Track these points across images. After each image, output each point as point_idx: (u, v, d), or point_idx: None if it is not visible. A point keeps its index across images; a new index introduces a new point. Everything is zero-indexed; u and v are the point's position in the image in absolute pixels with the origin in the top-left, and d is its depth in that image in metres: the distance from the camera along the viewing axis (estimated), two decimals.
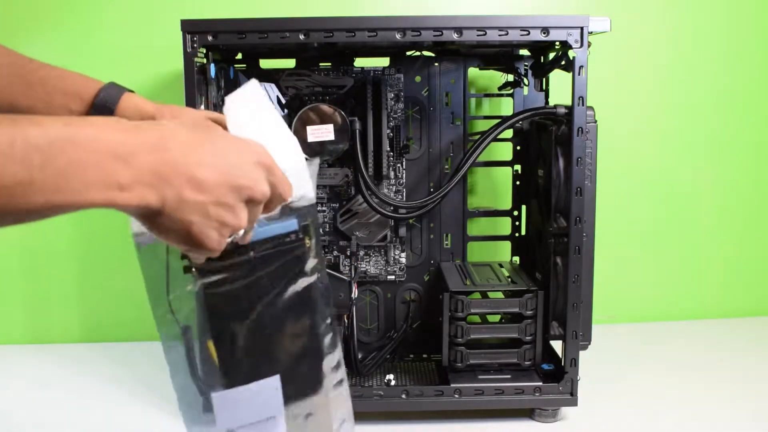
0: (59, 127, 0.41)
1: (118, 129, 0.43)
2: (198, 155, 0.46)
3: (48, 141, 0.40)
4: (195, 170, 0.46)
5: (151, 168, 0.44)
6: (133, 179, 0.43)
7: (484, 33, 0.81)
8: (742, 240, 1.30)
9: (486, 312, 0.93)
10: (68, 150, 0.40)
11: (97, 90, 0.63)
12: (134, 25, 1.17)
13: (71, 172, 0.41)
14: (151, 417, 0.94)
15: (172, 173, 0.45)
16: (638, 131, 1.25)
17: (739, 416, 0.91)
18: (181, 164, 0.45)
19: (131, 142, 0.43)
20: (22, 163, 0.39)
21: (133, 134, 0.44)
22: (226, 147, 0.48)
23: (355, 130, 0.94)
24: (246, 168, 0.49)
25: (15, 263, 1.23)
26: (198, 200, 0.46)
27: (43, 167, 0.40)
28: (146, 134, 0.44)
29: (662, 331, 1.24)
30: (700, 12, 1.23)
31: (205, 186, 0.46)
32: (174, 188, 0.45)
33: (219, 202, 0.47)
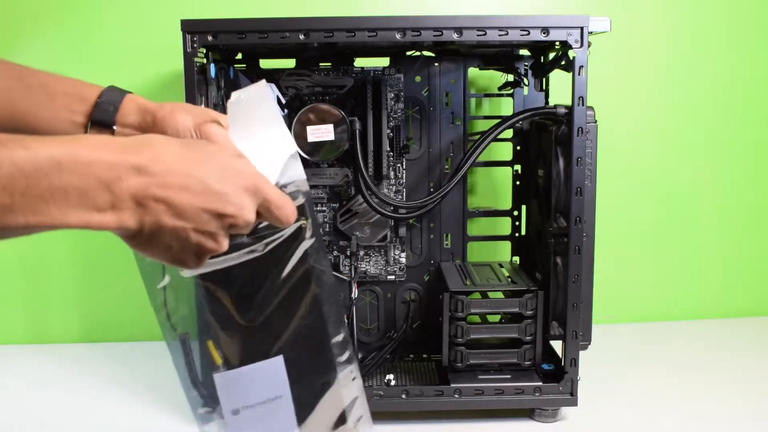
0: (47, 151, 0.41)
1: (107, 151, 0.43)
2: (182, 179, 0.45)
3: (34, 166, 0.40)
4: (176, 196, 0.45)
5: (133, 193, 0.44)
6: (114, 204, 0.43)
7: (484, 33, 0.81)
8: (742, 240, 1.30)
9: (486, 312, 0.93)
10: (53, 175, 0.41)
11: (99, 92, 0.62)
12: (134, 25, 1.17)
13: (52, 196, 0.41)
14: (151, 417, 0.94)
15: (152, 199, 0.44)
16: (638, 131, 1.25)
17: (740, 416, 0.91)
18: (163, 189, 0.45)
19: (118, 165, 0.43)
20: (5, 188, 0.39)
21: (121, 156, 0.43)
22: (214, 170, 0.47)
23: (355, 130, 0.94)
24: (232, 195, 0.48)
25: (15, 263, 1.23)
26: (177, 226, 0.46)
27: (25, 192, 0.40)
28: (134, 157, 0.44)
29: (662, 331, 1.24)
30: (700, 12, 1.23)
31: (185, 214, 0.46)
32: (153, 214, 0.45)
33: (199, 230, 0.47)
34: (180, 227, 0.46)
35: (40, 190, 0.40)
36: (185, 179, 0.46)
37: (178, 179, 0.45)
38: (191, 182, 0.46)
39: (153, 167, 0.44)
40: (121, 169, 0.43)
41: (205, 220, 0.47)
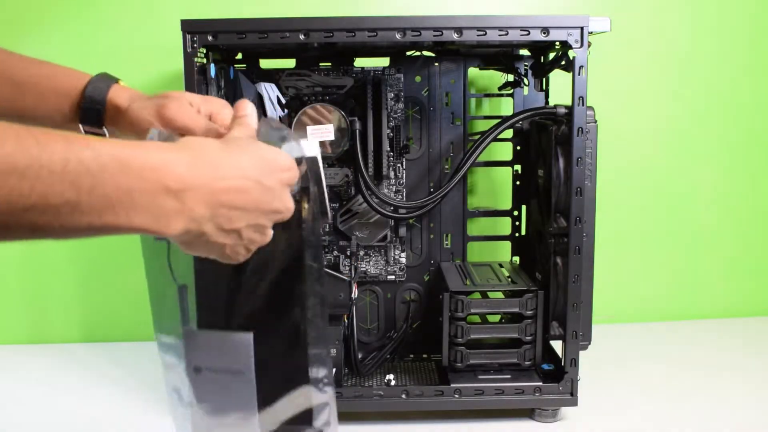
0: (111, 152, 0.41)
1: (173, 160, 0.44)
2: (239, 182, 0.48)
3: (100, 165, 0.40)
4: (237, 200, 0.48)
5: (201, 204, 0.45)
6: (181, 213, 0.44)
7: (484, 33, 0.81)
8: (743, 240, 1.30)
9: (486, 312, 0.93)
10: (118, 177, 0.41)
11: (83, 85, 0.62)
12: (134, 24, 1.17)
13: (118, 198, 0.41)
14: (151, 417, 0.94)
15: (218, 209, 0.47)
16: (638, 131, 1.25)
17: (740, 416, 0.91)
18: (225, 195, 0.47)
19: (186, 175, 0.44)
20: (72, 185, 0.39)
21: (187, 168, 0.45)
22: (261, 167, 0.50)
23: (355, 130, 0.94)
24: (278, 190, 0.51)
25: (15, 263, 1.23)
26: (235, 228, 0.49)
27: (92, 191, 0.40)
28: (198, 165, 0.45)
29: (662, 331, 1.24)
30: (700, 11, 1.23)
31: (243, 215, 0.49)
32: (216, 220, 0.47)
33: (252, 226, 0.50)
34: (237, 228, 0.49)
35: (106, 190, 0.41)
36: (242, 181, 0.48)
37: (237, 182, 0.48)
38: (248, 184, 0.48)
39: (217, 174, 0.46)
40: (190, 181, 0.45)
41: (258, 216, 0.50)
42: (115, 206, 0.41)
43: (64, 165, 0.39)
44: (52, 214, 0.39)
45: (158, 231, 0.44)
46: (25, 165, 0.37)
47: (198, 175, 0.45)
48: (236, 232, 0.49)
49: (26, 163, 0.37)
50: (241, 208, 0.48)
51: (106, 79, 0.64)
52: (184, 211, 0.45)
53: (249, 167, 0.49)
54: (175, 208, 0.44)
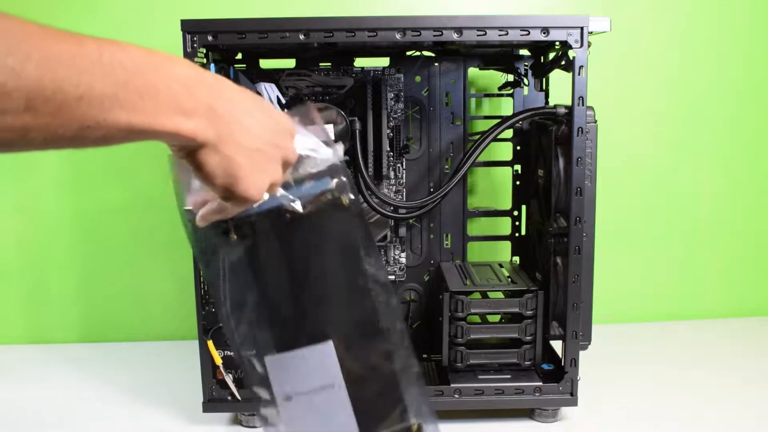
0: (136, 50, 0.44)
1: (184, 64, 0.47)
2: (247, 108, 0.50)
3: (130, 60, 0.43)
4: (245, 118, 0.49)
5: (209, 103, 0.47)
6: (195, 109, 0.46)
7: (484, 33, 0.81)
8: (742, 240, 1.30)
9: (486, 312, 0.93)
10: (146, 72, 0.44)
11: None
12: (134, 25, 1.17)
13: (147, 93, 0.44)
14: (151, 417, 0.94)
15: (226, 113, 0.48)
16: (638, 131, 1.25)
17: (740, 416, 0.91)
18: (233, 108, 0.49)
19: (194, 76, 0.47)
20: (110, 76, 0.42)
21: (196, 71, 0.48)
22: (269, 111, 0.53)
23: (355, 130, 0.94)
24: (283, 133, 0.53)
25: (15, 263, 1.23)
26: (247, 143, 0.50)
27: (126, 84, 0.42)
28: (206, 75, 0.48)
29: (662, 331, 1.24)
30: (700, 11, 1.23)
31: (253, 133, 0.50)
32: (227, 127, 0.48)
33: (264, 151, 0.51)
34: (249, 145, 0.50)
35: (137, 84, 0.43)
36: (251, 108, 0.50)
37: (245, 105, 0.50)
38: (255, 111, 0.51)
39: (223, 90, 0.49)
40: (199, 80, 0.47)
41: (268, 143, 0.51)
42: (145, 101, 0.44)
43: (100, 58, 0.41)
44: (97, 106, 0.41)
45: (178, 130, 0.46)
46: (71, 56, 0.40)
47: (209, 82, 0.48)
48: (249, 150, 0.50)
49: (72, 54, 0.40)
50: (251, 127, 0.50)
51: None
52: (200, 110, 0.47)
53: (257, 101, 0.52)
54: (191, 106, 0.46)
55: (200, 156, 0.49)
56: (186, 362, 1.09)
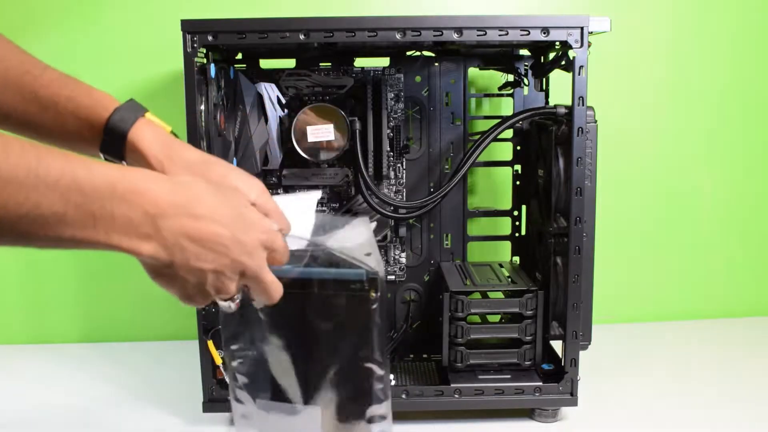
0: (104, 174, 0.45)
1: (157, 186, 0.48)
2: (213, 228, 0.51)
3: (92, 186, 0.44)
4: (207, 243, 0.50)
5: (172, 232, 0.48)
6: (153, 236, 0.48)
7: (484, 33, 0.81)
8: (743, 240, 1.30)
9: (486, 312, 0.93)
10: (106, 198, 0.45)
11: (107, 116, 0.59)
12: (134, 25, 1.17)
13: (101, 217, 0.45)
14: (151, 417, 0.94)
15: (187, 241, 0.49)
16: (638, 131, 1.25)
17: (740, 416, 0.91)
18: (197, 235, 0.50)
19: (165, 203, 0.48)
20: (62, 198, 0.43)
21: (169, 195, 0.48)
22: (240, 221, 0.53)
23: (355, 130, 0.94)
24: (247, 246, 0.53)
25: (15, 263, 1.23)
26: (200, 268, 0.51)
27: (79, 207, 0.44)
28: (180, 195, 0.49)
29: (662, 331, 1.24)
30: (700, 11, 1.23)
31: (209, 258, 0.51)
32: (183, 254, 0.50)
33: (217, 272, 0.52)
34: (201, 268, 0.51)
35: (92, 208, 0.44)
36: (217, 225, 0.51)
37: (212, 225, 0.51)
38: (222, 230, 0.51)
39: (196, 209, 0.50)
40: (167, 207, 0.48)
41: (225, 265, 0.52)
42: (97, 223, 0.45)
43: (59, 179, 0.42)
44: (40, 223, 0.43)
45: (131, 250, 0.47)
46: (24, 175, 0.41)
47: (176, 206, 0.49)
48: (201, 272, 0.51)
49: (25, 173, 0.41)
50: (210, 249, 0.51)
51: (132, 111, 0.60)
52: (156, 236, 0.48)
53: (227, 216, 0.52)
54: (148, 231, 0.47)
55: (154, 270, 0.51)
56: (186, 362, 1.09)
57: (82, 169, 0.44)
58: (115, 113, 0.59)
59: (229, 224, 0.52)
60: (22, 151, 0.41)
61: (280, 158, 0.99)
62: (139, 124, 0.60)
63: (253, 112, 0.97)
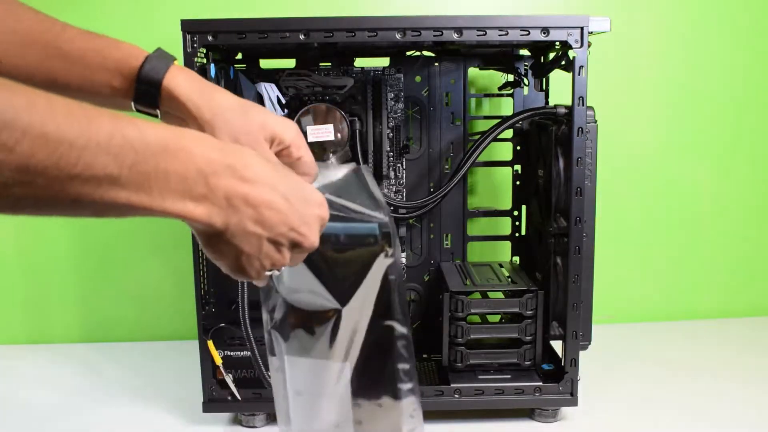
0: (155, 133, 0.43)
1: (208, 146, 0.46)
2: (269, 191, 0.49)
3: (143, 143, 0.42)
4: (262, 207, 0.48)
5: (226, 192, 0.47)
6: (207, 197, 0.46)
7: (484, 33, 0.81)
8: (742, 240, 1.30)
9: (486, 312, 0.93)
10: (159, 156, 0.43)
11: (138, 65, 0.59)
12: (134, 25, 1.17)
13: (155, 177, 0.43)
14: (151, 417, 0.94)
15: (242, 203, 0.47)
16: (638, 131, 1.25)
17: (740, 416, 0.91)
18: (252, 197, 0.48)
19: (216, 162, 0.46)
20: (116, 159, 0.41)
21: (220, 155, 0.47)
22: (296, 190, 0.51)
23: (355, 130, 0.94)
24: (306, 218, 0.52)
25: (15, 263, 1.23)
26: (256, 232, 0.49)
27: (132, 167, 0.42)
28: (231, 158, 0.47)
29: (662, 331, 1.24)
30: (700, 11, 1.23)
31: (266, 223, 0.49)
32: (239, 216, 0.48)
33: (273, 240, 0.50)
34: (258, 234, 0.49)
35: (146, 168, 0.43)
36: (272, 191, 0.49)
37: (267, 190, 0.49)
38: (276, 196, 0.49)
39: (246, 172, 0.48)
40: (219, 166, 0.46)
41: (280, 233, 0.50)
42: (152, 185, 0.43)
43: (110, 139, 0.41)
44: (93, 185, 0.41)
45: (185, 214, 0.45)
46: (75, 135, 0.39)
47: (229, 167, 0.47)
48: (257, 238, 0.49)
49: (76, 133, 0.39)
50: (267, 215, 0.49)
51: (162, 59, 0.60)
52: (211, 196, 0.46)
53: (282, 184, 0.50)
54: (203, 191, 0.45)
55: (208, 239, 0.49)
56: (186, 362, 1.09)
57: (132, 128, 0.42)
58: (146, 62, 0.59)
59: (286, 193, 0.50)
60: (69, 110, 0.40)
61: None
62: (173, 71, 0.59)
63: None
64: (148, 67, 0.58)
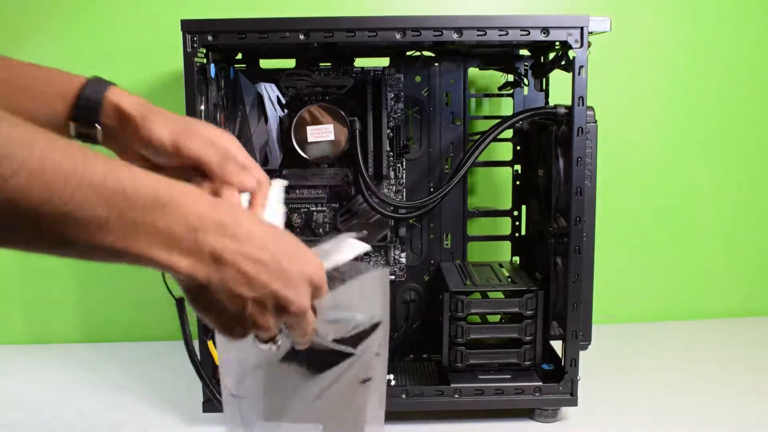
0: (147, 182, 0.43)
1: (199, 201, 0.46)
2: (258, 251, 0.48)
3: (134, 190, 0.42)
4: (249, 266, 0.47)
5: (213, 249, 0.46)
6: (193, 251, 0.45)
7: (484, 33, 0.81)
8: (742, 240, 1.30)
9: (486, 312, 0.93)
10: (148, 207, 0.43)
11: (77, 89, 0.58)
12: (134, 25, 1.17)
13: (143, 226, 0.43)
14: (151, 417, 0.94)
15: (228, 261, 0.46)
16: (638, 131, 1.25)
17: (740, 416, 0.91)
18: (239, 255, 0.47)
19: (206, 217, 0.45)
20: (107, 202, 0.41)
21: (211, 210, 0.46)
22: (286, 249, 0.49)
23: (355, 130, 0.94)
24: (293, 280, 0.50)
25: (15, 263, 1.23)
26: (241, 293, 0.48)
27: (122, 213, 0.42)
28: (222, 214, 0.46)
29: (662, 331, 1.24)
30: (700, 11, 1.23)
31: (251, 283, 0.48)
32: (223, 274, 0.47)
33: (257, 301, 0.49)
34: (242, 294, 0.48)
35: (135, 215, 0.42)
36: (260, 250, 0.48)
37: (255, 249, 0.47)
38: (266, 256, 0.48)
39: (236, 230, 0.47)
40: (209, 222, 0.46)
41: (265, 295, 0.49)
42: (139, 233, 0.43)
43: (103, 181, 0.41)
44: (81, 225, 0.41)
45: (170, 265, 0.45)
46: (70, 173, 0.39)
47: (218, 223, 0.46)
48: (240, 299, 0.48)
49: (71, 171, 0.39)
50: (252, 274, 0.47)
51: (102, 82, 0.60)
52: (196, 251, 0.45)
53: (273, 243, 0.49)
54: (189, 247, 0.45)
55: (191, 292, 0.48)
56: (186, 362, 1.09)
57: (126, 173, 0.42)
58: (88, 82, 0.58)
59: (276, 252, 0.48)
60: (68, 148, 0.40)
61: (280, 158, 0.99)
62: (115, 89, 0.59)
63: (253, 112, 0.97)
64: (89, 85, 0.58)
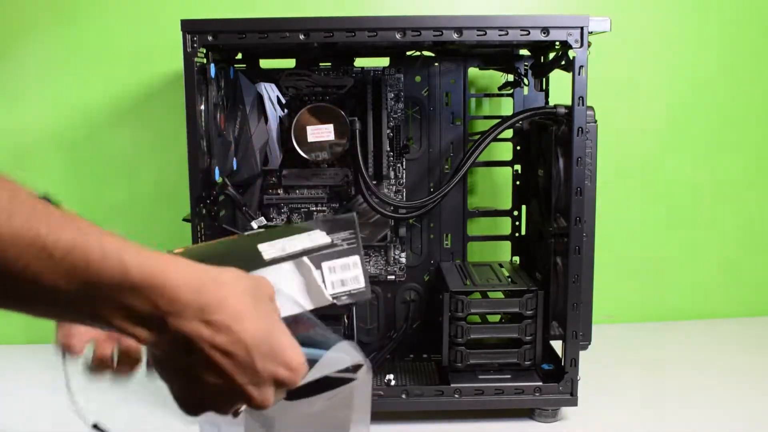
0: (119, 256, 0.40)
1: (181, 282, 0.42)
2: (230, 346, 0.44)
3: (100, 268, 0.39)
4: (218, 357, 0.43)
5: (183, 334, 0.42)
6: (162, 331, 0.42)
7: (484, 33, 0.81)
8: (742, 240, 1.30)
9: (486, 312, 0.93)
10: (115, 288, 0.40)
11: None
12: (134, 25, 1.17)
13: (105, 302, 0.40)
14: (151, 417, 0.94)
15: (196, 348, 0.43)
16: (638, 131, 1.25)
17: (739, 416, 0.91)
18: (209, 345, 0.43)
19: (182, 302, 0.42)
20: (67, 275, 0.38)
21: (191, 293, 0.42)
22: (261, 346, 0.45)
23: (355, 130, 0.94)
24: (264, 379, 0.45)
25: None
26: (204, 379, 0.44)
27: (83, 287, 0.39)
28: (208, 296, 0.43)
29: (662, 331, 1.24)
30: (700, 11, 1.23)
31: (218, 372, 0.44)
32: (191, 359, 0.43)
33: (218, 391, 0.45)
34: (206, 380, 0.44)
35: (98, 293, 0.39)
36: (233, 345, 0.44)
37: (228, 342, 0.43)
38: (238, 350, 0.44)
39: (214, 317, 0.43)
40: (186, 306, 0.42)
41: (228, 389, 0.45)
42: (100, 307, 0.40)
43: (66, 255, 0.38)
44: (39, 294, 0.39)
45: (134, 335, 0.42)
46: (28, 243, 0.37)
47: (196, 308, 0.42)
48: (203, 383, 0.44)
49: (29, 241, 0.37)
50: (221, 366, 0.43)
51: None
52: (164, 330, 0.42)
53: (251, 334, 0.44)
54: (156, 324, 0.41)
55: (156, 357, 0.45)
56: None
57: (95, 244, 0.39)
58: None
59: (251, 345, 0.44)
60: (31, 214, 0.37)
61: (280, 158, 0.99)
62: None
63: (253, 112, 0.97)
64: None
